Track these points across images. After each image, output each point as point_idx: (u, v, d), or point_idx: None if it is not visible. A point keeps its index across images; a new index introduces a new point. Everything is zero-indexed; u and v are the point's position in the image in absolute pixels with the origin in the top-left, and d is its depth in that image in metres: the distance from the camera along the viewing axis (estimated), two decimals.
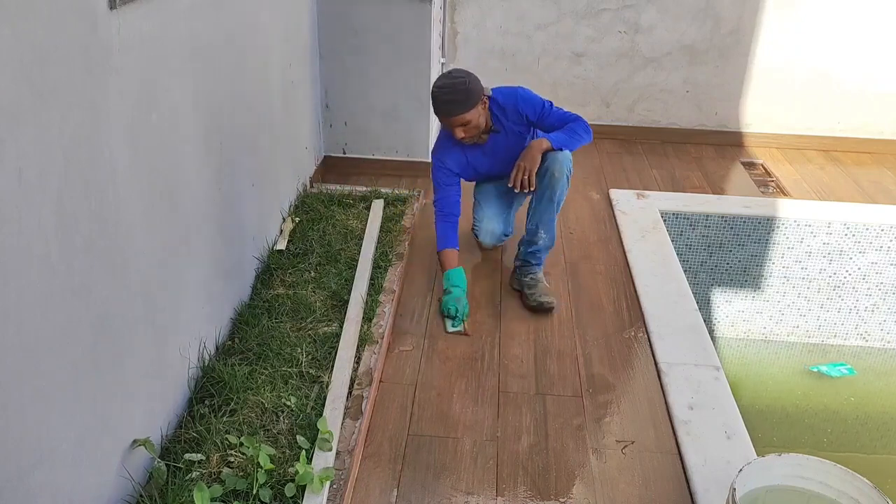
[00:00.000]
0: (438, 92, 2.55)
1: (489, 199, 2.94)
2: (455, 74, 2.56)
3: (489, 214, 2.92)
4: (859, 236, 3.47)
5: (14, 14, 1.22)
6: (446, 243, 2.70)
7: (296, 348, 2.29)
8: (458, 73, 2.57)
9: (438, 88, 2.56)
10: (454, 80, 2.54)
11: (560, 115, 2.69)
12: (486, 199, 2.94)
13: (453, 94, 2.52)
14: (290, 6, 3.05)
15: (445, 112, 2.56)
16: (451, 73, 2.58)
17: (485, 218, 2.93)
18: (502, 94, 2.70)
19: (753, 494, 1.70)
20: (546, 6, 4.24)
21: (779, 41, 4.24)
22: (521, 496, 1.91)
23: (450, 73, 2.59)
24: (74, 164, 1.42)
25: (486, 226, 2.93)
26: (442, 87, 2.54)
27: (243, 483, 1.76)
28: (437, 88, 2.56)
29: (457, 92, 2.52)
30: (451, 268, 2.67)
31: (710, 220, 3.49)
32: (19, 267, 1.27)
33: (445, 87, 2.53)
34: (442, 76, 2.61)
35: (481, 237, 2.97)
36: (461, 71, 2.59)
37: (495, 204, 2.93)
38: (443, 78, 2.59)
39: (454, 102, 2.53)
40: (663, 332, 2.57)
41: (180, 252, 1.97)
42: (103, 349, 1.57)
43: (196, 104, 2.04)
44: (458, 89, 2.52)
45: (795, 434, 3.23)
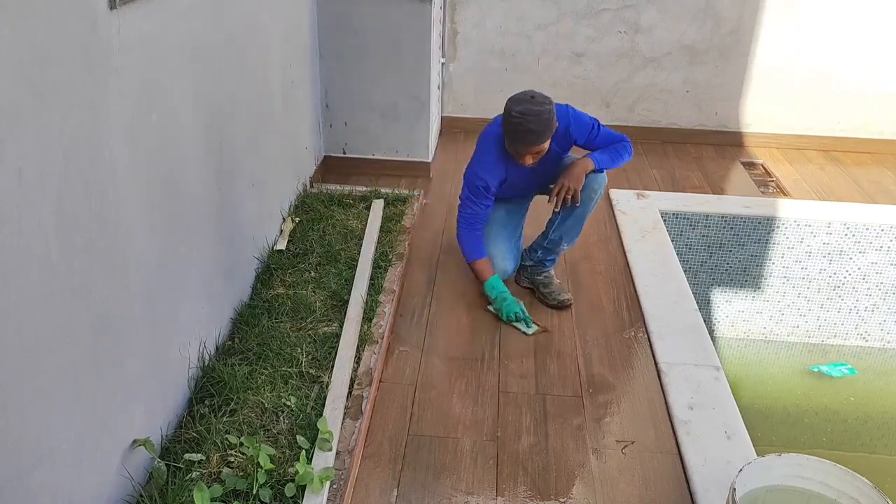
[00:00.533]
0: (522, 119, 2.36)
1: (500, 232, 2.79)
2: (540, 100, 2.38)
3: (501, 252, 2.77)
4: (859, 236, 3.47)
5: (14, 14, 1.22)
6: (479, 253, 2.64)
7: (296, 348, 2.29)
8: (543, 99, 2.39)
9: (522, 115, 2.36)
10: (540, 106, 2.37)
11: (606, 136, 2.63)
12: (498, 232, 2.79)
13: (539, 125, 2.37)
14: (290, 6, 3.05)
15: (527, 141, 2.40)
16: (534, 99, 2.38)
17: (497, 257, 2.76)
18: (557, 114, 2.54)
19: (753, 494, 1.70)
20: (546, 6, 4.24)
21: (779, 41, 4.24)
22: (521, 496, 1.91)
23: (532, 97, 2.39)
24: (74, 164, 1.42)
25: (500, 265, 2.75)
26: (527, 114, 2.36)
27: (243, 483, 1.76)
28: (519, 114, 2.37)
29: (542, 122, 2.37)
30: (490, 276, 2.63)
31: (710, 220, 3.49)
32: (19, 267, 1.27)
33: (531, 115, 2.36)
34: (523, 99, 2.39)
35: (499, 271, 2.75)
36: (544, 96, 2.41)
37: (506, 237, 2.80)
38: (526, 103, 2.38)
39: (538, 133, 2.39)
40: (663, 332, 2.57)
41: (180, 252, 1.97)
42: (103, 349, 1.57)
43: (196, 104, 2.04)
44: (544, 119, 2.37)
45: (795, 434, 3.23)
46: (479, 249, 2.64)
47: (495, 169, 2.59)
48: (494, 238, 2.78)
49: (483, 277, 2.64)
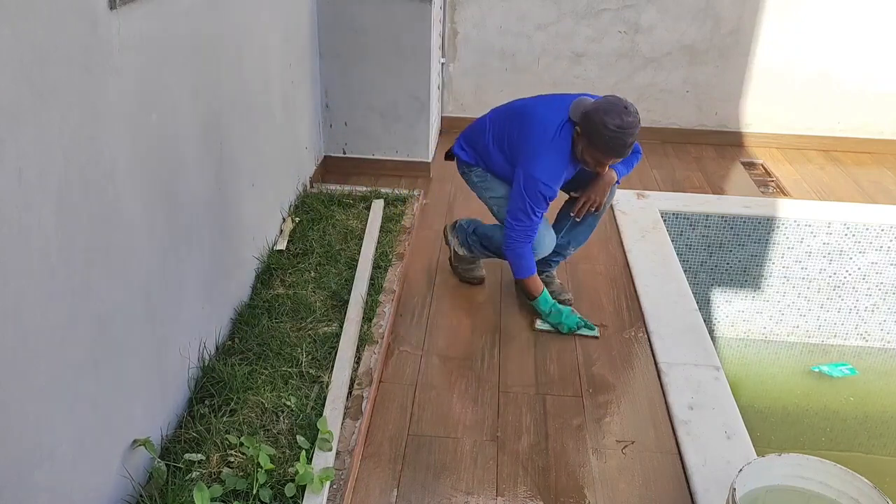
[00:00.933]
0: (622, 133, 2.26)
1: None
2: (632, 110, 2.29)
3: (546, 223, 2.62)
4: (859, 236, 3.47)
5: (14, 14, 1.22)
6: (533, 268, 2.57)
7: (296, 348, 2.29)
8: (633, 108, 2.31)
9: (621, 129, 2.26)
10: (634, 117, 2.29)
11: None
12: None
13: (635, 136, 2.31)
14: (290, 6, 3.05)
15: (625, 153, 2.34)
16: (628, 109, 2.29)
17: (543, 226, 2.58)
18: None
19: (753, 494, 1.70)
20: (546, 6, 4.24)
21: (779, 41, 4.24)
22: (521, 496, 1.91)
23: (626, 107, 2.29)
24: (74, 164, 1.42)
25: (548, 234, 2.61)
26: (626, 128, 2.26)
27: (243, 483, 1.76)
28: (619, 128, 2.25)
29: (637, 132, 2.30)
30: (544, 289, 2.60)
31: (710, 220, 3.49)
32: (19, 267, 1.27)
33: (630, 128, 2.27)
34: (617, 110, 2.27)
35: (543, 249, 2.63)
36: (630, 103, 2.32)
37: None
38: (620, 115, 2.26)
39: (631, 146, 2.34)
40: (663, 332, 2.57)
41: (180, 252, 1.97)
42: (103, 349, 1.57)
43: (196, 104, 2.04)
44: (638, 128, 2.30)
45: (795, 434, 3.23)
46: (534, 264, 2.58)
47: (560, 176, 2.46)
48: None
49: (537, 292, 2.59)
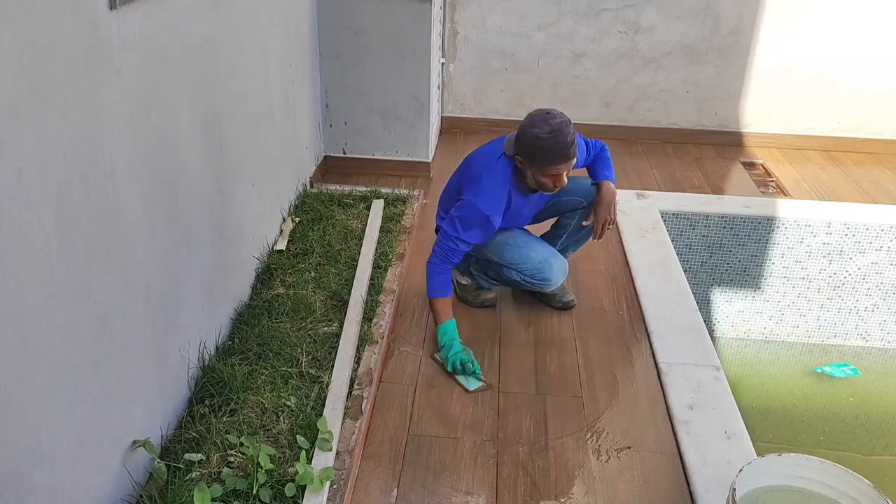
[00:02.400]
0: (556, 135, 2.20)
1: (530, 239, 2.60)
2: (556, 113, 2.25)
3: (550, 251, 2.57)
4: (859, 236, 3.47)
5: (14, 14, 1.22)
6: (446, 291, 2.41)
7: (296, 348, 2.29)
8: (557, 112, 2.26)
9: (553, 132, 2.20)
10: (561, 118, 2.23)
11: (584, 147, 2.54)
12: (528, 240, 2.58)
13: (571, 134, 2.23)
14: (290, 5, 3.05)
15: (570, 155, 2.24)
16: (549, 114, 2.25)
17: (549, 256, 2.53)
18: None
19: (753, 494, 1.70)
20: (546, 6, 4.24)
21: (779, 41, 4.24)
22: (521, 496, 1.91)
23: (548, 112, 2.26)
24: (74, 164, 1.42)
25: (554, 263, 2.53)
26: (557, 130, 2.20)
27: (243, 483, 1.76)
28: (550, 133, 2.20)
29: (571, 130, 2.23)
30: (448, 318, 2.39)
31: (710, 220, 3.49)
32: (19, 267, 1.27)
33: (562, 128, 2.21)
34: (541, 119, 2.24)
35: (555, 278, 2.54)
36: (553, 109, 2.28)
37: (538, 240, 2.63)
38: (546, 122, 2.22)
39: (574, 143, 2.24)
40: (663, 332, 2.57)
41: (180, 252, 1.97)
42: (103, 349, 1.57)
43: (196, 104, 2.04)
44: (571, 126, 2.23)
45: (795, 434, 3.23)
46: (448, 287, 2.43)
47: (500, 203, 2.38)
48: (532, 244, 2.57)
49: (442, 318, 2.39)
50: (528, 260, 2.53)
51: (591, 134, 4.39)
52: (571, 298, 2.73)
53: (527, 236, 2.62)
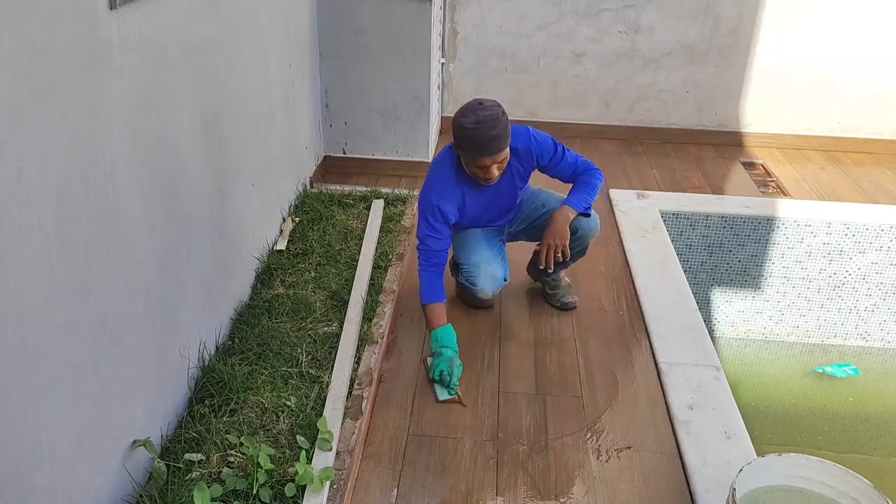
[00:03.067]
0: (480, 127, 2.18)
1: (479, 241, 2.55)
2: (489, 104, 2.22)
3: (486, 257, 2.52)
4: (859, 236, 3.47)
5: (14, 14, 1.22)
6: (434, 296, 2.36)
7: (296, 348, 2.29)
8: (491, 103, 2.23)
9: (478, 123, 2.18)
10: (491, 110, 2.20)
11: (573, 162, 2.45)
12: (477, 241, 2.55)
13: (498, 128, 2.19)
14: (290, 5, 3.05)
15: (494, 148, 2.21)
16: (483, 104, 2.22)
17: (482, 262, 2.51)
18: (516, 135, 2.36)
19: (753, 494, 1.70)
20: (546, 6, 4.24)
21: (779, 41, 4.24)
22: (521, 496, 1.91)
23: (480, 103, 2.23)
24: (74, 164, 1.42)
25: (486, 269, 2.51)
26: (482, 122, 2.18)
27: (243, 483, 1.76)
28: (475, 124, 2.18)
29: (499, 124, 2.19)
30: (440, 325, 2.33)
31: (710, 220, 3.49)
32: (19, 267, 1.27)
33: (487, 121, 2.18)
34: (471, 109, 2.22)
35: (481, 284, 2.52)
36: (491, 101, 2.25)
37: (486, 246, 2.55)
38: (476, 111, 2.20)
39: (500, 137, 2.20)
40: (663, 332, 2.57)
41: (180, 252, 1.97)
42: (103, 349, 1.57)
43: (196, 104, 2.04)
44: (501, 120, 2.20)
45: (795, 434, 3.23)
46: (436, 291, 2.36)
47: (450, 193, 2.37)
48: (475, 247, 2.54)
49: (432, 324, 2.34)
50: (467, 261, 2.54)
51: (591, 134, 4.48)
52: (570, 300, 2.69)
53: (479, 238, 2.56)
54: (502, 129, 2.21)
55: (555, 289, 2.72)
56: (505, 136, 2.23)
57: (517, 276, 2.91)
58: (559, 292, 2.70)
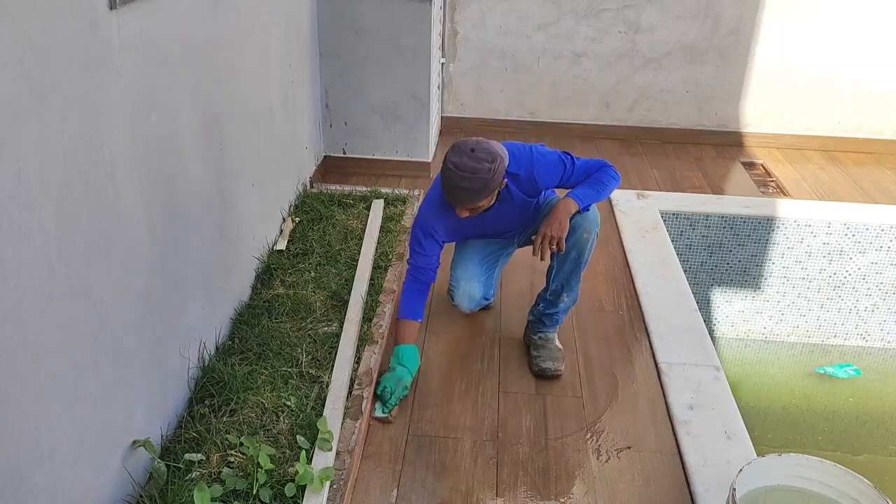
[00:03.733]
0: (453, 173, 2.05)
1: (471, 257, 2.49)
2: (481, 155, 2.04)
3: (468, 274, 2.47)
4: (859, 236, 3.47)
5: (14, 14, 1.22)
6: (410, 313, 2.29)
7: (296, 348, 2.29)
8: (486, 155, 2.04)
9: (455, 168, 2.04)
10: (478, 163, 2.03)
11: (584, 170, 2.28)
12: (468, 257, 2.50)
13: (471, 183, 2.04)
14: (290, 5, 3.05)
15: (455, 198, 2.10)
16: (474, 152, 2.05)
17: (462, 278, 2.47)
18: (516, 161, 2.22)
19: (753, 494, 1.70)
20: (546, 6, 4.24)
21: (779, 41, 4.24)
22: (521, 496, 1.91)
23: (472, 150, 2.06)
24: (74, 164, 1.42)
25: (464, 287, 2.47)
26: (460, 168, 2.04)
27: (243, 483, 1.76)
28: (453, 167, 2.05)
29: (476, 181, 2.04)
30: (405, 342, 2.25)
31: (710, 220, 3.49)
32: (19, 267, 1.27)
33: (465, 170, 2.03)
34: (463, 150, 2.07)
35: (457, 300, 2.52)
36: (489, 151, 2.06)
37: (477, 262, 2.49)
38: (464, 155, 2.05)
39: (468, 192, 2.06)
40: (663, 332, 2.57)
41: (180, 252, 1.97)
42: (103, 349, 1.57)
43: (196, 104, 2.04)
44: (480, 178, 2.03)
45: (795, 434, 3.23)
46: (415, 309, 2.30)
47: (443, 216, 2.27)
48: (464, 260, 2.49)
49: (399, 340, 2.27)
50: (453, 273, 2.52)
51: (591, 134, 4.48)
52: (548, 367, 2.35)
53: (473, 252, 2.50)
54: (479, 185, 2.05)
55: (539, 349, 2.42)
56: (479, 192, 2.06)
57: (517, 277, 2.91)
58: (541, 355, 2.39)
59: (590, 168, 2.29)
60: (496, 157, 2.06)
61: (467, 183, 2.04)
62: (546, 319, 2.44)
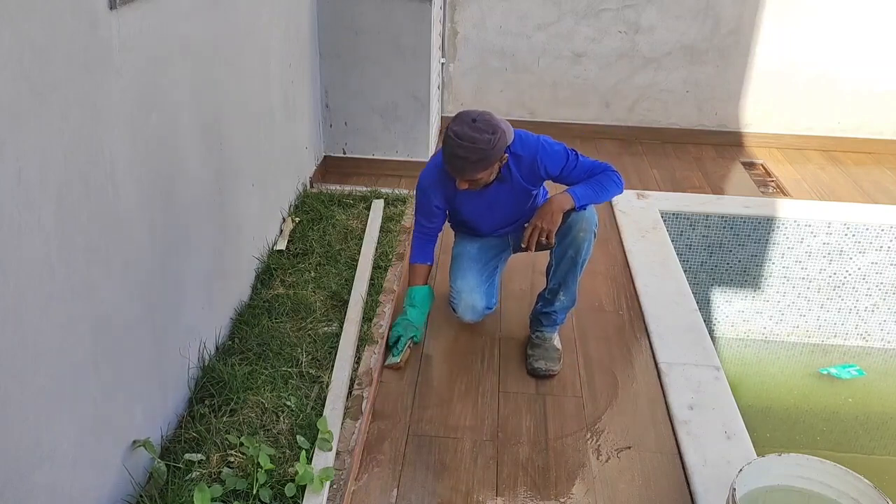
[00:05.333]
0: (454, 142, 2.06)
1: (470, 266, 2.48)
2: (482, 126, 2.05)
3: (469, 286, 2.45)
4: (859, 236, 3.47)
5: (14, 14, 1.22)
6: (423, 257, 2.35)
7: (296, 348, 2.29)
8: (486, 126, 2.05)
9: (456, 136, 2.05)
10: (479, 133, 2.04)
11: (587, 168, 2.27)
12: (468, 266, 2.48)
13: (470, 153, 2.05)
14: (290, 5, 3.05)
15: (456, 168, 2.11)
16: (475, 123, 2.06)
17: (464, 290, 2.45)
18: (521, 143, 2.23)
19: (753, 494, 1.70)
20: (546, 6, 4.24)
21: (779, 41, 4.24)
22: (521, 496, 1.91)
23: (474, 119, 2.07)
24: (74, 164, 1.42)
25: (466, 299, 2.44)
26: (460, 137, 2.05)
27: (243, 483, 1.76)
28: (454, 136, 2.05)
29: (475, 151, 2.05)
30: (416, 283, 2.31)
31: (710, 220, 3.49)
32: (19, 267, 1.27)
33: (464, 140, 2.04)
34: (465, 119, 2.08)
35: (460, 311, 2.47)
36: (490, 123, 2.07)
37: (476, 272, 2.48)
38: (465, 125, 2.06)
39: (466, 161, 2.07)
40: (663, 332, 2.57)
41: (180, 252, 1.97)
42: (103, 349, 1.57)
43: (196, 104, 2.04)
44: (479, 148, 2.04)
45: (795, 434, 3.23)
46: (425, 253, 2.36)
47: (443, 186, 2.29)
48: (463, 271, 2.48)
49: (412, 281, 2.33)
50: (454, 284, 2.50)
51: (591, 134, 4.48)
52: (543, 367, 2.35)
53: (471, 261, 2.49)
54: (477, 156, 2.05)
55: (534, 348, 2.41)
56: (476, 163, 2.07)
57: (517, 277, 2.91)
58: (535, 354, 2.39)
59: (594, 168, 2.28)
60: (497, 129, 2.07)
61: (465, 152, 2.06)
62: (543, 318, 2.45)
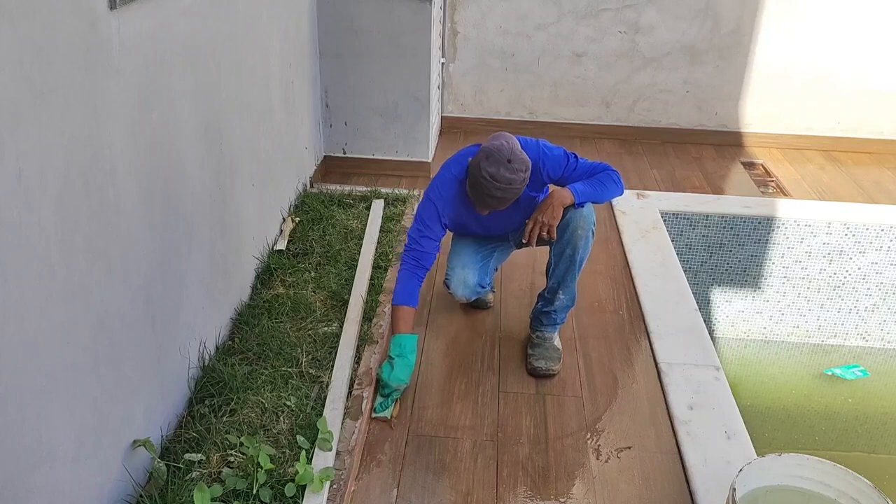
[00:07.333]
0: (490, 183, 2.09)
1: (465, 248, 2.50)
2: (517, 166, 2.09)
3: (463, 262, 2.47)
4: (859, 236, 3.47)
5: (14, 14, 1.22)
6: (407, 299, 2.24)
7: (296, 348, 2.29)
8: (520, 165, 2.10)
9: (492, 179, 2.08)
10: (514, 174, 2.08)
11: (587, 169, 2.29)
12: (464, 246, 2.50)
13: (506, 193, 2.11)
14: (290, 5, 3.05)
15: (487, 205, 2.18)
16: (511, 163, 2.09)
17: (457, 266, 2.46)
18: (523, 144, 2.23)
19: (753, 494, 1.70)
20: (546, 6, 4.24)
21: (779, 41, 4.24)
22: (521, 496, 1.91)
23: (509, 161, 2.09)
24: (74, 164, 1.42)
25: (459, 273, 2.45)
26: (497, 180, 2.08)
27: (243, 483, 1.76)
28: (489, 178, 2.08)
29: (510, 191, 2.11)
30: (404, 331, 2.21)
31: (710, 220, 3.49)
32: (19, 267, 1.27)
33: (501, 182, 2.08)
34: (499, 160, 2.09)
35: (452, 286, 2.47)
36: (522, 159, 2.11)
37: (471, 252, 2.49)
38: (501, 166, 2.08)
39: (500, 201, 2.14)
40: (663, 332, 2.57)
41: (180, 252, 1.97)
42: (103, 349, 1.57)
43: (196, 104, 2.04)
44: (514, 189, 2.11)
45: (795, 434, 3.23)
46: (411, 294, 2.24)
47: (453, 202, 2.30)
48: (458, 250, 2.50)
49: (398, 328, 2.21)
50: (449, 262, 2.51)
51: (591, 134, 4.48)
52: (542, 366, 2.36)
53: (468, 243, 2.51)
54: (512, 195, 2.13)
55: (534, 347, 2.42)
56: (510, 200, 2.16)
57: (517, 277, 2.91)
58: (535, 354, 2.40)
59: (594, 169, 2.30)
60: (527, 163, 2.13)
61: (502, 193, 2.12)
62: (543, 318, 2.44)
